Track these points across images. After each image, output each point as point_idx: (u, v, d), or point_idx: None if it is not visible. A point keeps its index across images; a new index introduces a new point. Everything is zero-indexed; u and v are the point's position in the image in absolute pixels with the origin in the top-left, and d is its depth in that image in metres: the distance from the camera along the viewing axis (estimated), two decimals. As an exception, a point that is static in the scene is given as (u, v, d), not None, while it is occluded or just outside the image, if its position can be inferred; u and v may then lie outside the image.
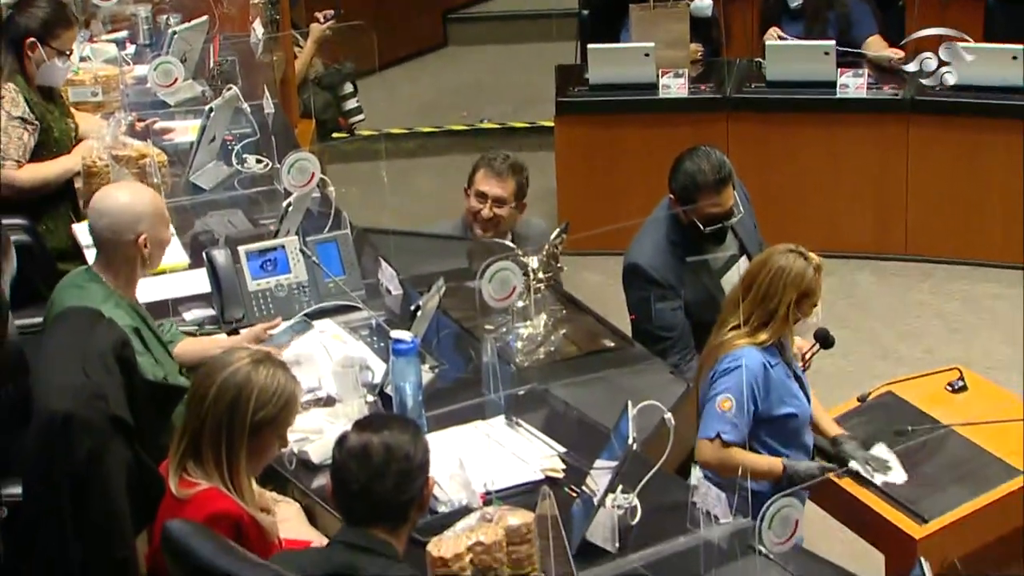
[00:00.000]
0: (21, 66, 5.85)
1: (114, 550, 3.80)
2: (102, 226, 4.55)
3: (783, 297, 4.62)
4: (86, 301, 4.44)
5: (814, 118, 7.84)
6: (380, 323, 4.92)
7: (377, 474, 3.36)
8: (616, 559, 3.83)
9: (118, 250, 4.55)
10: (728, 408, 4.55)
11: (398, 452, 3.38)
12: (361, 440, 3.39)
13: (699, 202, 5.32)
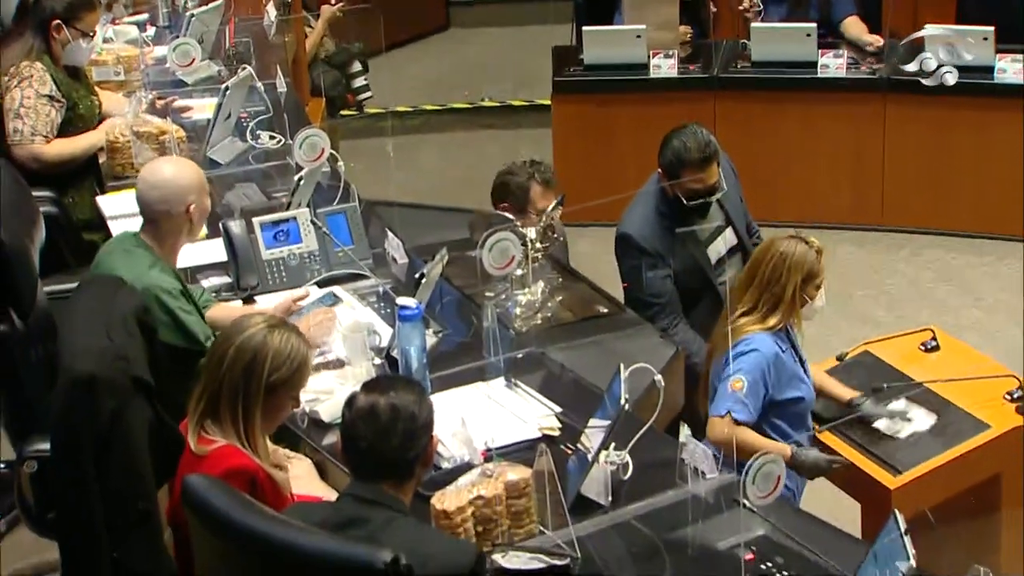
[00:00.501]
0: (48, 47, 5.85)
1: (137, 502, 3.81)
2: (154, 198, 4.58)
3: (788, 281, 4.59)
4: (132, 264, 4.50)
5: (796, 96, 7.84)
6: (386, 290, 4.93)
7: (383, 433, 3.36)
8: (609, 512, 3.83)
9: (170, 220, 4.59)
10: (740, 388, 4.50)
11: (404, 412, 3.38)
12: (369, 400, 3.40)
13: (683, 178, 5.31)
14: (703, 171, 5.30)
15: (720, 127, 7.48)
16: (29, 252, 4.57)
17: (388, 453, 3.37)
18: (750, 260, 4.76)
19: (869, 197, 7.96)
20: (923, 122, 7.83)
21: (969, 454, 4.64)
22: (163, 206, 4.57)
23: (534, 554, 3.65)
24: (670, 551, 3.73)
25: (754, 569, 3.63)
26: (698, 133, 5.34)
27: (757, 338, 4.59)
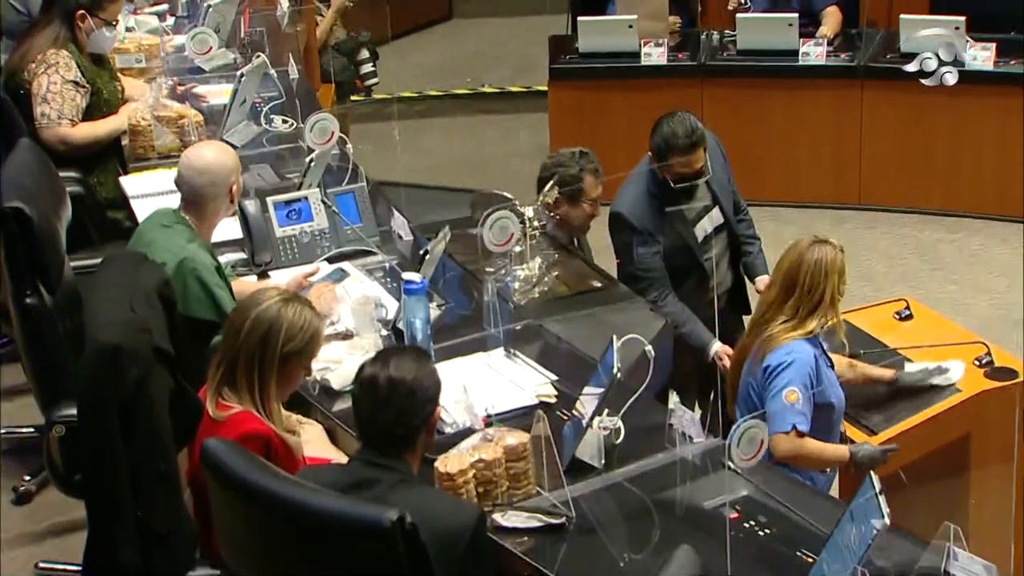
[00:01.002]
0: (73, 35, 5.85)
1: (158, 465, 3.82)
2: (203, 182, 4.61)
3: (827, 286, 4.43)
4: (172, 239, 4.53)
5: (779, 83, 7.83)
6: (393, 266, 4.93)
7: (380, 406, 3.36)
8: (602, 474, 3.84)
9: (216, 200, 4.65)
10: (796, 400, 4.36)
11: (401, 387, 3.37)
12: (372, 373, 3.40)
13: (671, 161, 5.32)
14: (689, 156, 5.31)
15: (707, 112, 7.52)
16: (56, 229, 4.58)
17: (384, 425, 3.37)
18: (783, 272, 4.53)
19: (847, 177, 7.96)
20: (898, 107, 7.82)
21: (940, 415, 4.66)
22: (211, 188, 4.61)
23: (532, 513, 3.66)
24: (659, 510, 3.74)
25: (738, 527, 3.64)
26: (686, 120, 5.34)
27: (796, 345, 4.45)
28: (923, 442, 4.66)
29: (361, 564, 3.07)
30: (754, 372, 4.52)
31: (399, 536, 3.00)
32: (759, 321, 4.57)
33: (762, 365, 4.46)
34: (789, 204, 6.38)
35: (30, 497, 5.38)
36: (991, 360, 4.83)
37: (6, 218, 4.35)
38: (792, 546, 3.59)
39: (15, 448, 5.66)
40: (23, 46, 5.92)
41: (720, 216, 5.54)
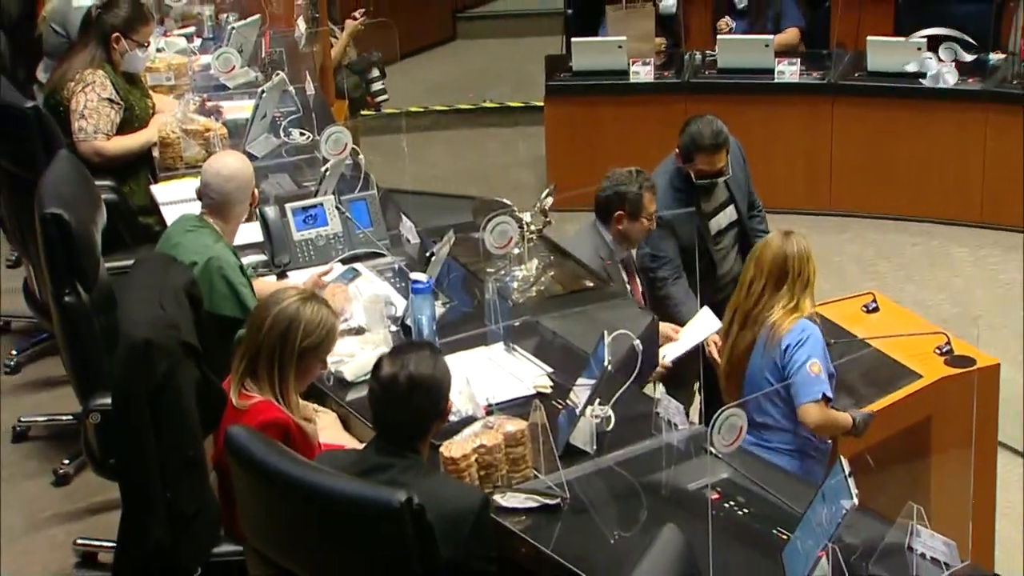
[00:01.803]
0: (109, 56, 5.85)
1: (186, 450, 3.82)
2: (231, 188, 4.62)
3: (810, 267, 4.50)
4: (199, 240, 4.54)
5: (757, 99, 7.84)
6: (401, 267, 4.92)
7: (400, 403, 3.35)
8: (594, 458, 3.83)
9: (241, 204, 4.66)
10: (819, 371, 4.37)
11: (421, 386, 3.35)
12: (391, 371, 3.36)
13: (696, 159, 5.39)
14: (713, 156, 5.39)
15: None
16: (92, 234, 4.57)
17: (403, 420, 3.36)
18: (766, 269, 4.54)
19: (819, 185, 7.98)
20: (865, 121, 7.84)
21: (904, 399, 4.66)
22: (238, 194, 4.63)
23: (529, 495, 3.66)
24: (646, 492, 3.73)
25: (719, 507, 3.64)
26: (713, 123, 5.42)
27: (805, 323, 4.48)
28: (889, 423, 4.64)
29: (372, 542, 3.06)
30: (771, 356, 4.50)
31: (408, 516, 2.99)
32: (751, 312, 4.56)
33: (781, 347, 4.45)
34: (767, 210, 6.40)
35: (69, 479, 5.38)
36: (951, 349, 4.83)
37: (47, 223, 4.35)
38: (769, 524, 3.59)
39: (55, 434, 5.67)
40: (63, 66, 5.94)
41: (734, 213, 5.60)
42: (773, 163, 7.75)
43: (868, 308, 5.15)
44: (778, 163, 7.77)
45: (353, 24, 8.35)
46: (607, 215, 5.11)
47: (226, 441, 3.34)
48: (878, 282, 7.11)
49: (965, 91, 7.58)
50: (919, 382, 4.70)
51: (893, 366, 4.79)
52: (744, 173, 5.68)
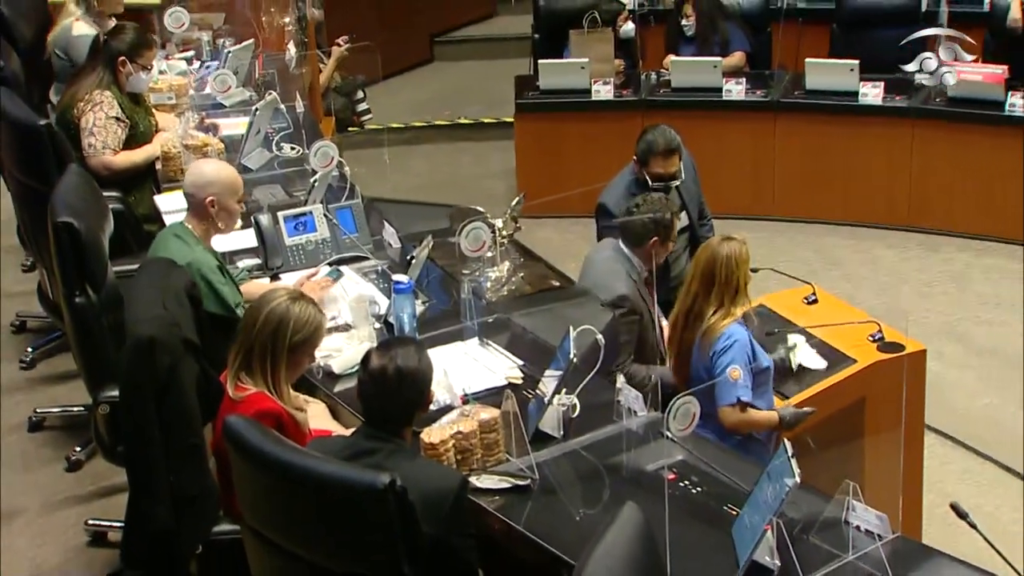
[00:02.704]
0: (115, 78, 5.83)
1: (187, 438, 3.81)
2: (209, 192, 4.56)
3: (740, 274, 4.38)
4: (181, 245, 4.50)
5: (706, 115, 7.82)
6: (384, 269, 4.90)
7: (390, 394, 3.35)
8: (561, 443, 3.83)
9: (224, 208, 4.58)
10: (738, 377, 4.32)
11: (408, 378, 3.35)
12: (381, 364, 3.36)
13: (651, 164, 5.37)
14: (667, 159, 5.36)
15: (646, 140, 7.50)
16: (100, 241, 4.55)
17: (392, 410, 3.36)
18: (699, 271, 4.46)
19: (763, 193, 7.97)
20: (804, 135, 7.84)
21: (840, 382, 4.66)
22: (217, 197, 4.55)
23: (502, 476, 3.65)
24: (609, 473, 3.73)
25: (675, 486, 3.64)
26: (667, 131, 5.42)
27: (733, 329, 4.39)
28: (827, 405, 4.65)
29: (359, 520, 3.05)
30: (704, 360, 4.46)
31: (391, 497, 2.98)
32: (690, 314, 4.50)
33: (710, 352, 4.41)
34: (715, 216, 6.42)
35: (80, 465, 5.35)
36: (882, 336, 4.84)
37: (59, 231, 4.34)
38: (720, 501, 3.59)
39: (68, 424, 5.64)
40: (73, 87, 5.91)
41: (686, 219, 5.56)
42: (722, 173, 7.74)
43: (808, 300, 5.15)
44: (726, 173, 7.77)
45: (339, 50, 8.35)
46: (641, 240, 4.88)
47: (224, 429, 3.32)
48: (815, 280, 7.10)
49: (892, 107, 7.60)
50: (854, 366, 4.71)
51: (830, 352, 4.79)
52: (695, 184, 5.68)
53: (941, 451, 5.67)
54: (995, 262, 7.40)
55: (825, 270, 7.34)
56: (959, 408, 6.05)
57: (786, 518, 3.30)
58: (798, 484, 3.18)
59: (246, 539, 3.36)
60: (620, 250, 4.92)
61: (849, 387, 4.66)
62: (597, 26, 7.95)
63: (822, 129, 7.79)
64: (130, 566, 4.23)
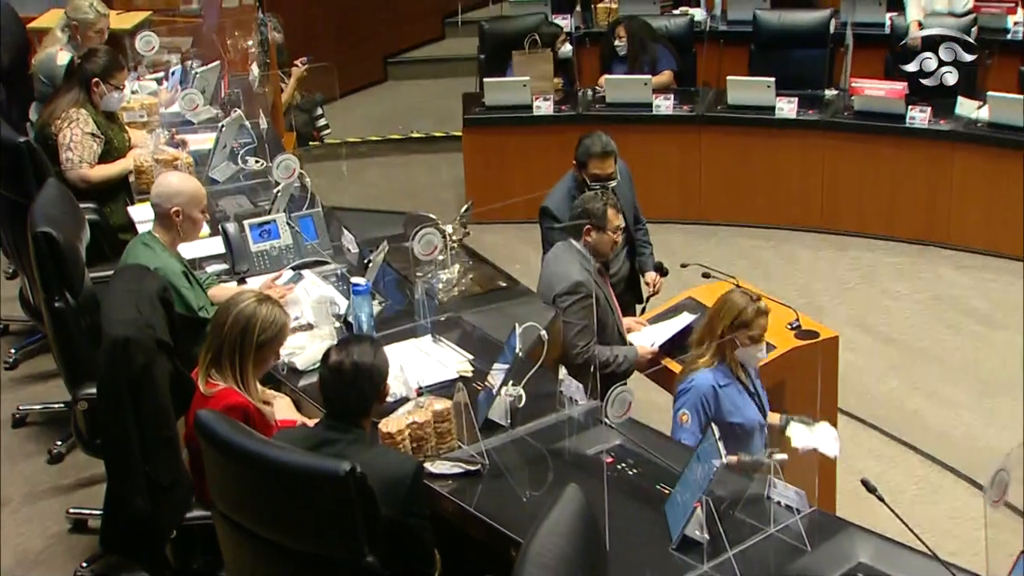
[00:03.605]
0: (90, 98, 5.77)
1: (161, 431, 3.77)
2: (174, 203, 4.51)
3: (721, 323, 4.13)
4: (149, 252, 4.45)
5: (638, 127, 7.84)
6: (343, 272, 4.87)
7: (347, 386, 3.32)
8: (508, 431, 3.82)
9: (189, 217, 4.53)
10: (686, 421, 4.15)
11: (363, 371, 3.33)
12: (338, 359, 3.34)
13: (589, 166, 5.34)
14: (604, 161, 5.34)
15: (583, 151, 7.53)
16: (78, 249, 4.50)
17: (349, 401, 3.34)
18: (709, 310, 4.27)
19: (691, 200, 8.01)
20: (727, 146, 7.89)
21: (763, 367, 4.61)
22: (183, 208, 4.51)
23: (454, 462, 3.64)
24: (552, 457, 3.73)
25: (613, 469, 3.64)
26: (602, 136, 5.40)
27: (697, 376, 4.18)
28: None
29: (322, 505, 3.02)
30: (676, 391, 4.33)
31: (352, 483, 2.96)
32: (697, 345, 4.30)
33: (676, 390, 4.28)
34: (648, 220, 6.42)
35: (61, 458, 5.29)
36: (799, 324, 4.84)
37: (38, 240, 4.29)
38: (654, 481, 3.60)
39: (49, 420, 5.57)
40: (50, 107, 5.86)
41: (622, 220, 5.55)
42: (653, 181, 7.77)
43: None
44: (657, 181, 7.80)
45: (299, 70, 8.31)
46: (578, 229, 4.88)
47: (196, 423, 3.29)
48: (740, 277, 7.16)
49: (806, 120, 7.66)
50: (774, 352, 4.69)
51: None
52: (631, 190, 5.69)
53: (852, 431, 5.72)
54: (899, 260, 7.50)
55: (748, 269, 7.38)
56: (867, 392, 6.11)
57: (714, 495, 3.31)
58: (724, 463, 3.20)
59: (217, 524, 3.32)
60: (571, 245, 4.90)
61: (770, 372, 4.66)
62: (537, 47, 7.96)
63: (743, 140, 7.84)
64: (109, 550, 4.20)
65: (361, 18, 10.45)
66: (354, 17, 10.38)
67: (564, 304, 4.66)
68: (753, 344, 4.16)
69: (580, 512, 2.90)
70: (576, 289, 4.71)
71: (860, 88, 7.57)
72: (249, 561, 3.23)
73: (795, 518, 3.36)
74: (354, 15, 10.39)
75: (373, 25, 10.55)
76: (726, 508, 3.38)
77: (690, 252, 7.51)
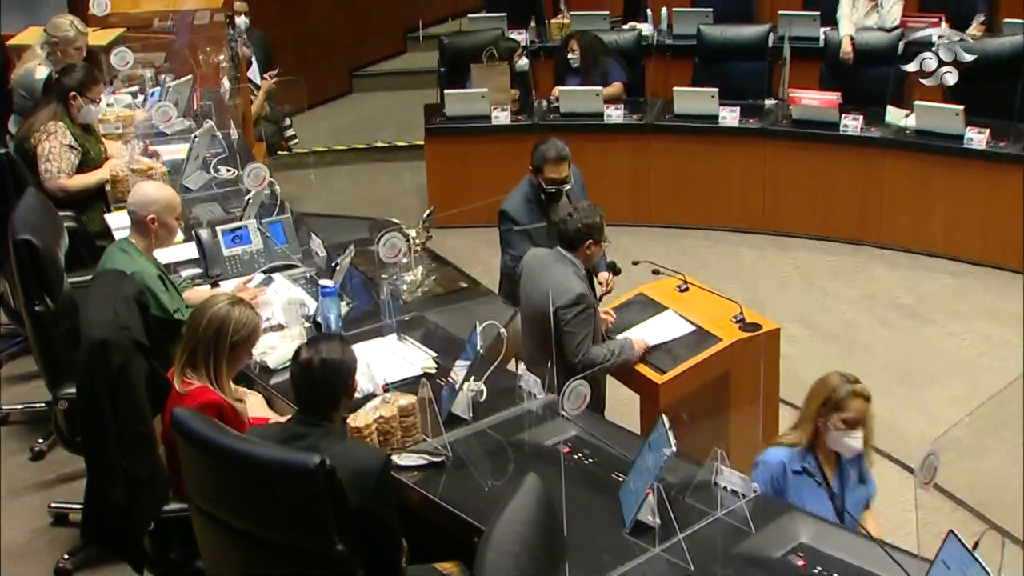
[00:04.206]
0: (67, 111, 5.71)
1: (138, 428, 3.74)
2: (150, 211, 4.47)
3: (812, 403, 3.70)
4: (127, 257, 4.41)
5: (591, 136, 7.84)
6: (312, 275, 4.85)
7: (316, 382, 3.30)
8: (470, 424, 3.82)
9: (164, 224, 4.49)
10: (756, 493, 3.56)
11: (330, 367, 3.31)
12: (308, 356, 3.32)
13: (544, 170, 5.31)
14: (558, 165, 5.31)
15: (539, 158, 7.54)
16: (57, 255, 4.47)
17: (318, 396, 3.32)
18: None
19: (640, 203, 8.02)
20: (673, 152, 7.91)
21: (709, 358, 4.67)
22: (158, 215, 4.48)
23: (419, 454, 3.64)
24: (512, 449, 3.73)
25: (569, 459, 3.64)
26: (557, 142, 5.36)
27: (770, 452, 3.74)
28: (697, 377, 4.67)
29: (293, 497, 3.00)
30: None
31: (321, 475, 2.94)
32: None
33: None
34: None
35: (43, 455, 5.23)
36: (743, 318, 4.84)
37: (19, 247, 4.27)
38: (608, 470, 3.60)
39: (31, 419, 5.50)
40: (29, 120, 5.79)
41: None
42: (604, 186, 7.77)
43: (681, 288, 5.15)
44: (608, 186, 7.81)
45: (267, 83, 8.27)
46: (578, 243, 4.71)
47: (172, 420, 3.26)
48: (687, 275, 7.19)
49: (747, 128, 7.69)
50: (719, 344, 4.71)
51: (699, 332, 4.80)
52: (583, 194, 5.68)
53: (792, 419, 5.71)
54: (834, 259, 7.55)
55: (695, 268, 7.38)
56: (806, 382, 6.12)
57: (665, 482, 3.32)
58: (674, 453, 3.21)
59: (193, 516, 3.29)
60: (563, 256, 4.72)
61: (716, 362, 4.68)
62: (495, 61, 7.96)
63: (688, 147, 7.87)
64: (90, 542, 4.16)
65: (327, 33, 10.42)
66: (320, 32, 10.36)
67: (568, 316, 4.52)
68: (847, 429, 3.64)
69: (539, 500, 2.90)
70: (579, 301, 4.55)
71: (797, 98, 7.62)
72: (224, 552, 3.21)
73: (740, 502, 3.38)
74: (320, 31, 10.36)
75: (338, 40, 10.52)
76: (676, 494, 3.39)
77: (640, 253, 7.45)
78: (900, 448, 5.53)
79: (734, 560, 3.21)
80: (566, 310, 4.50)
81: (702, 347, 4.73)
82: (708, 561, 3.19)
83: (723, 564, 3.19)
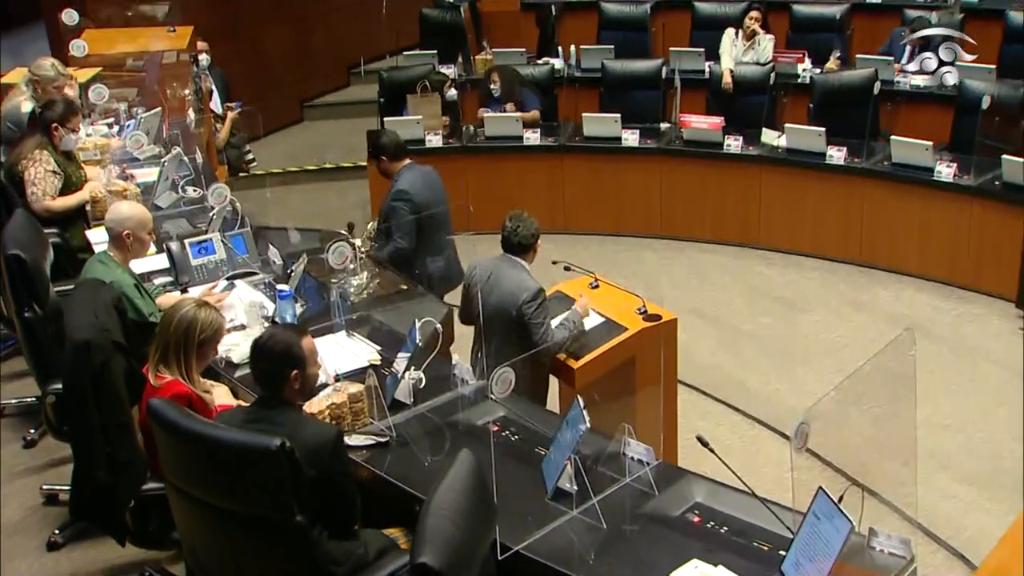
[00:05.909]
0: (50, 140, 5.61)
1: (118, 417, 3.68)
2: (126, 227, 4.43)
3: None
4: (106, 268, 4.36)
5: (511, 156, 7.88)
6: (270, 281, 4.81)
7: (268, 358, 3.28)
8: (411, 408, 3.82)
9: (139, 238, 4.45)
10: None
11: (280, 345, 3.28)
12: (262, 338, 3.33)
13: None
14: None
15: (469, 176, 7.60)
16: (43, 267, 4.40)
17: (272, 370, 3.28)
18: None
19: (556, 214, 8.03)
20: (584, 170, 7.95)
21: (616, 346, 4.66)
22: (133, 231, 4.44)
23: (367, 435, 3.63)
24: (448, 429, 3.74)
25: (498, 436, 3.66)
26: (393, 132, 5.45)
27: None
28: (607, 363, 4.65)
29: (256, 475, 2.98)
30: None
31: (282, 455, 2.92)
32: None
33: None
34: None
35: (35, 443, 5.14)
36: (646, 309, 4.83)
37: (9, 261, 4.20)
38: (532, 445, 3.63)
39: (23, 411, 5.40)
40: (16, 149, 5.68)
41: None
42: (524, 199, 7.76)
43: (593, 286, 5.14)
44: (528, 199, 7.79)
45: (232, 114, 8.21)
46: (529, 248, 4.73)
47: (148, 409, 3.22)
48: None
49: (646, 148, 7.77)
50: (625, 333, 4.70)
51: (608, 323, 4.79)
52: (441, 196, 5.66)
53: (688, 397, 5.83)
54: (722, 259, 7.65)
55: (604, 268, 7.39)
56: (700, 365, 6.24)
57: (581, 454, 3.36)
58: (588, 429, 3.24)
59: (169, 494, 3.25)
60: (514, 262, 4.68)
61: (623, 349, 4.70)
62: (428, 92, 7.94)
63: (597, 165, 7.92)
64: (78, 518, 4.09)
65: (280, 69, 10.34)
66: (274, 68, 10.28)
67: (532, 309, 4.48)
68: None
69: (472, 472, 2.91)
70: (539, 295, 4.53)
71: (688, 122, 7.72)
72: (197, 524, 3.17)
73: (645, 469, 3.42)
74: (274, 67, 10.28)
75: (290, 75, 10.44)
76: (590, 464, 3.43)
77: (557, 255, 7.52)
78: (779, 419, 5.64)
79: (640, 519, 3.25)
80: (530, 304, 4.48)
81: (611, 336, 4.74)
82: (618, 521, 3.23)
83: (631, 523, 3.23)
